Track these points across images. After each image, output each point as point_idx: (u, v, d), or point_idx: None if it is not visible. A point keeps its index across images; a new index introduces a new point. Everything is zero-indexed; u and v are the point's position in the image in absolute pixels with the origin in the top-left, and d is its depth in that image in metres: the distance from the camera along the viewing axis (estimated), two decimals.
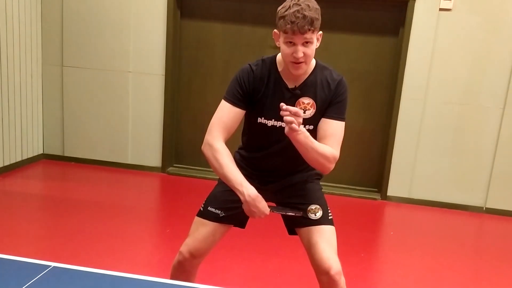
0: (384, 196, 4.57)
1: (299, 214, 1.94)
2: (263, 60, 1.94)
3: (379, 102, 4.61)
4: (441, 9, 4.18)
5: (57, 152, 5.02)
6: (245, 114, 1.93)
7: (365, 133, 4.67)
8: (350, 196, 4.62)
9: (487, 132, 4.32)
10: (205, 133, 1.89)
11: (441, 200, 4.48)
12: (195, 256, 2.02)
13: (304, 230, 1.99)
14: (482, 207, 4.44)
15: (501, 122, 4.28)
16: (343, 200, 4.53)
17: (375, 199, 4.61)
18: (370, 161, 4.73)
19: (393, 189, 4.55)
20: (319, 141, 1.87)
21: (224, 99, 1.91)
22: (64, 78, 4.87)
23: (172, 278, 2.08)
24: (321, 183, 2.13)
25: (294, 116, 1.66)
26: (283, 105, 1.66)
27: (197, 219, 2.06)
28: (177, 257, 2.06)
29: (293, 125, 1.67)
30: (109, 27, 4.69)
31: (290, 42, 1.76)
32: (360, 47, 4.55)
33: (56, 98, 4.92)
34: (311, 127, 1.90)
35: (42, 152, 5.03)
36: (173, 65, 4.75)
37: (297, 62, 1.79)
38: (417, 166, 4.48)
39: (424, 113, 4.39)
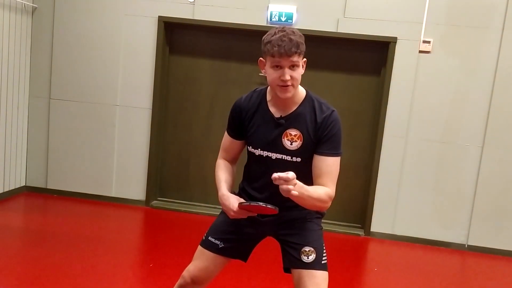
0: (368, 232, 4.60)
1: (272, 208, 1.77)
2: (254, 91, 2.01)
3: (362, 139, 4.71)
4: (420, 51, 4.36)
5: (40, 184, 4.97)
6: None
7: (349, 169, 4.73)
8: (334, 231, 4.63)
9: (467, 169, 4.43)
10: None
11: (424, 236, 4.53)
12: (196, 283, 2.06)
13: (295, 271, 1.98)
14: (464, 244, 4.49)
15: (480, 160, 4.39)
16: (327, 236, 4.45)
17: (358, 235, 4.63)
18: (353, 197, 4.78)
19: (376, 225, 4.59)
20: (314, 179, 1.87)
21: (226, 129, 2.06)
22: (51, 110, 4.88)
23: None
24: None
25: (285, 181, 1.63)
26: (274, 176, 1.62)
27: (199, 247, 2.10)
28: (179, 281, 2.10)
29: (287, 188, 1.63)
30: (99, 61, 4.75)
31: (277, 66, 1.80)
32: (343, 85, 4.68)
33: (42, 130, 4.91)
34: (298, 159, 1.90)
35: (24, 184, 4.97)
36: (160, 99, 4.81)
37: (284, 86, 1.81)
38: (399, 202, 4.54)
39: (406, 150, 4.48)
